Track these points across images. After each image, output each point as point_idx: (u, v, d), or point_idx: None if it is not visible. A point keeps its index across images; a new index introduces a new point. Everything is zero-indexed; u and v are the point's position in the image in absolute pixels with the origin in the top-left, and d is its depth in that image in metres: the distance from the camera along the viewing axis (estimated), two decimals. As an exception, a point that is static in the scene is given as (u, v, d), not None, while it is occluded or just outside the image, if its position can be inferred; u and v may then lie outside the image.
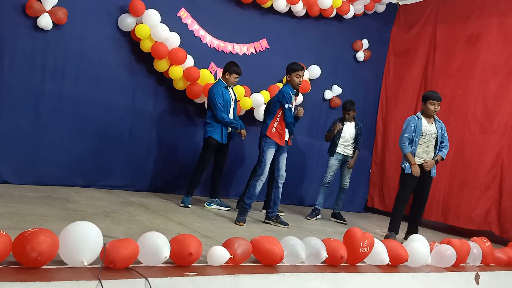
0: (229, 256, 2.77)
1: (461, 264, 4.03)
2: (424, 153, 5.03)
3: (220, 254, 2.76)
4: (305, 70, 4.97)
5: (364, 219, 7.01)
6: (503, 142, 6.32)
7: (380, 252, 3.47)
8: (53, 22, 5.10)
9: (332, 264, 3.23)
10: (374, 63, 7.94)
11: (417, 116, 5.07)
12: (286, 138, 4.92)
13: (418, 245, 3.75)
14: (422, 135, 5.00)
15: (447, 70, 7.13)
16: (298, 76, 4.84)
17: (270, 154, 4.80)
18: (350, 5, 7.37)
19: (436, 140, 5.06)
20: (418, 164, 4.97)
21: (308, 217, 5.99)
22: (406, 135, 4.99)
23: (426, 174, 5.06)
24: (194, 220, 4.51)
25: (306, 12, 7.04)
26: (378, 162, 7.97)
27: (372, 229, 5.88)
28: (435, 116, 5.13)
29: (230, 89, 5.42)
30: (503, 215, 6.13)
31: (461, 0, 7.23)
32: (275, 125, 4.82)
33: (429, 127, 5.04)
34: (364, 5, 7.56)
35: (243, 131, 5.49)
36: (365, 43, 7.78)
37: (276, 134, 4.82)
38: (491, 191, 6.31)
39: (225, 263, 2.78)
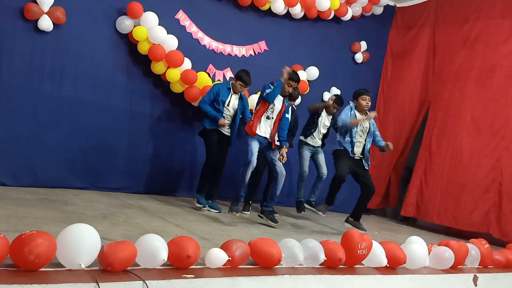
0: (227, 258, 2.76)
1: (459, 266, 4.03)
2: (356, 147, 5.15)
3: (218, 256, 2.76)
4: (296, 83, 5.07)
5: (361, 220, 6.98)
6: (503, 145, 6.32)
7: (378, 254, 3.47)
8: (53, 23, 5.10)
9: (330, 266, 3.23)
10: (372, 65, 7.96)
11: (351, 107, 5.17)
12: (267, 135, 4.98)
13: (416, 247, 3.75)
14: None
15: (444, 72, 7.15)
16: (289, 85, 4.96)
17: (254, 144, 4.90)
18: (348, 7, 7.38)
19: (366, 136, 5.18)
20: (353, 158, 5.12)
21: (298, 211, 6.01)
22: (343, 117, 5.10)
23: (360, 166, 5.15)
24: (192, 222, 4.50)
25: (304, 14, 7.06)
26: (375, 164, 7.95)
27: (370, 231, 5.87)
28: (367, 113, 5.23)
29: (236, 96, 5.38)
30: (503, 218, 6.13)
31: (458, 3, 7.25)
32: (253, 119, 4.98)
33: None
34: (362, 7, 7.58)
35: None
36: (363, 45, 7.79)
37: (249, 126, 4.97)
38: (490, 193, 6.31)
39: (223, 265, 2.78)
